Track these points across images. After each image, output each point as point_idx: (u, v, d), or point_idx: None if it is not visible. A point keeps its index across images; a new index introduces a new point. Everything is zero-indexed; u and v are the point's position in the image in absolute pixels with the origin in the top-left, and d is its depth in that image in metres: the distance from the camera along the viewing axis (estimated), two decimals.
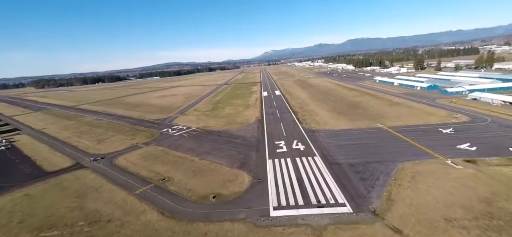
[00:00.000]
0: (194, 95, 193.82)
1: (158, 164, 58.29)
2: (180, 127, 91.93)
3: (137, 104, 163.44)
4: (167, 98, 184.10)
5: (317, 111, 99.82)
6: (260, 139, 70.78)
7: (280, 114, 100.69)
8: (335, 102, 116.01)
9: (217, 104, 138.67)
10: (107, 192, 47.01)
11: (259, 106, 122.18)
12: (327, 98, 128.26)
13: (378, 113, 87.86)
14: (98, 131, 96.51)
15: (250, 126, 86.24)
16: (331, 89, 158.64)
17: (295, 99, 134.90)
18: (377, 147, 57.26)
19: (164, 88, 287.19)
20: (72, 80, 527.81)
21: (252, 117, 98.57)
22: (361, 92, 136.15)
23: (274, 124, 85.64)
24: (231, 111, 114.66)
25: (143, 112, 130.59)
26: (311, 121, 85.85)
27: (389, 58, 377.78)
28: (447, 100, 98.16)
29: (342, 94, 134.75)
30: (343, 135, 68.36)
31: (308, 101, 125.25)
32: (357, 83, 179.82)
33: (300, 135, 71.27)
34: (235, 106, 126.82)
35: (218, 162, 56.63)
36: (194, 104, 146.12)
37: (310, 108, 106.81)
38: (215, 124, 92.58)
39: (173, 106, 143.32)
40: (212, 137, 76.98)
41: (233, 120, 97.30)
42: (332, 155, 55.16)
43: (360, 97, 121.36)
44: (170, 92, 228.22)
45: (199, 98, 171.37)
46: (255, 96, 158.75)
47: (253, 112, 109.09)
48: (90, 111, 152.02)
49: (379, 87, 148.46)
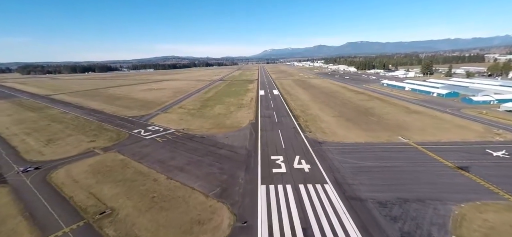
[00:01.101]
0: (184, 90, 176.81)
1: (107, 184, 41.86)
2: (156, 128, 75.35)
3: (119, 97, 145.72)
4: (153, 92, 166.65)
5: (322, 117, 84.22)
6: (251, 151, 54.79)
7: (278, 118, 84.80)
8: (341, 106, 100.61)
9: (207, 102, 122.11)
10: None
11: (254, 106, 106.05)
12: (332, 101, 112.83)
13: (397, 123, 72.69)
14: (56, 128, 79.24)
15: (242, 131, 70.14)
16: (334, 91, 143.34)
17: (295, 100, 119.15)
18: (412, 174, 41.82)
19: (155, 80, 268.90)
20: (61, 68, 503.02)
21: (244, 120, 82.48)
22: (369, 96, 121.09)
23: (271, 131, 69.67)
24: (221, 111, 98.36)
25: (120, 107, 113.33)
26: (316, 129, 70.17)
27: (391, 61, 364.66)
28: (474, 111, 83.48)
29: (348, 97, 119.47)
30: (359, 151, 52.83)
31: (310, 103, 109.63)
32: (363, 85, 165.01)
33: (303, 149, 55.49)
34: (227, 105, 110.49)
35: (191, 186, 40.50)
36: (182, 100, 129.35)
37: (313, 112, 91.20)
38: (199, 127, 76.26)
39: (158, 101, 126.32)
40: (192, 144, 60.69)
41: (222, 122, 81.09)
42: (350, 184, 39.53)
43: (369, 102, 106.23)
44: (159, 86, 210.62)
45: (188, 94, 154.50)
46: (250, 95, 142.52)
47: (246, 113, 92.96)
48: (63, 102, 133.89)
49: (388, 91, 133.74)
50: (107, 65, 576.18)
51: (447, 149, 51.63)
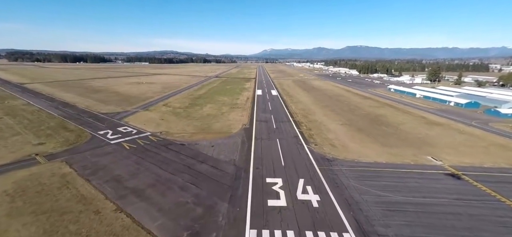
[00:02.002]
0: (175, 85, 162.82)
1: (22, 217, 28.36)
2: (128, 130, 61.79)
3: (99, 90, 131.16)
4: (140, 86, 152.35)
5: (328, 124, 71.63)
6: (241, 169, 41.80)
7: (277, 123, 71.89)
8: (349, 112, 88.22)
9: (197, 100, 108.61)
10: None
11: (250, 108, 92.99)
12: (337, 106, 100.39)
13: (418, 137, 60.48)
14: (5, 124, 65.03)
15: (232, 139, 57.09)
16: (339, 95, 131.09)
17: (296, 103, 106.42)
18: (465, 220, 29.27)
19: (146, 74, 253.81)
20: (51, 56, 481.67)
21: (237, 124, 69.42)
22: (378, 102, 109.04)
23: (268, 141, 56.73)
24: (211, 112, 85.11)
25: (97, 101, 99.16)
26: (323, 140, 57.50)
27: (394, 67, 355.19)
28: (506, 125, 71.84)
29: (356, 103, 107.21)
30: (382, 175, 40.24)
31: (313, 107, 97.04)
32: (368, 90, 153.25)
33: (308, 168, 42.69)
34: (219, 105, 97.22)
35: (146, 227, 27.35)
36: (169, 97, 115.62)
37: (318, 118, 78.57)
38: (181, 130, 62.98)
39: (142, 97, 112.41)
40: (167, 155, 47.46)
41: (210, 126, 67.90)
42: (381, 235, 26.82)
43: (380, 109, 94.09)
44: (150, 79, 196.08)
45: (178, 90, 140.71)
46: (246, 94, 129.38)
47: (240, 115, 79.90)
48: (34, 92, 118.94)
49: (397, 98, 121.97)
50: (100, 56, 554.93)
51: (499, 179, 39.40)
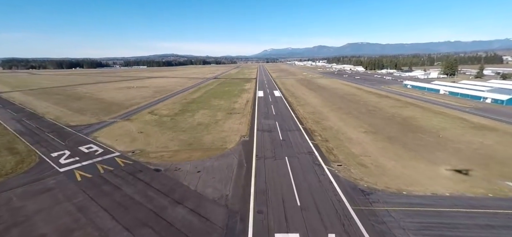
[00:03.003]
0: (168, 89, 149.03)
1: None
2: (92, 150, 47.51)
3: (81, 97, 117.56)
4: (130, 91, 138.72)
5: (348, 132, 56.88)
6: (236, 215, 27.14)
7: (284, 132, 57.22)
8: (368, 115, 73.33)
9: (190, 105, 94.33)
10: None
11: (250, 113, 78.50)
12: (353, 107, 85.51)
13: (473, 148, 45.57)
14: None
15: (225, 159, 42.56)
16: (351, 94, 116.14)
17: (304, 105, 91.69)
18: None
19: (140, 77, 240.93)
20: (46, 63, 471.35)
21: (233, 136, 54.96)
22: (399, 101, 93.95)
23: (273, 160, 42.00)
24: (203, 119, 70.73)
25: (71, 110, 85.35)
26: (347, 157, 42.77)
27: (400, 61, 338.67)
28: None
29: (373, 103, 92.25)
30: (461, 224, 25.43)
31: (325, 110, 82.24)
32: (381, 87, 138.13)
33: (339, 211, 27.89)
34: (214, 110, 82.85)
35: None
36: (159, 102, 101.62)
37: (333, 124, 63.78)
38: (161, 147, 48.68)
39: (126, 103, 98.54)
40: (130, 190, 33.06)
41: (199, 139, 53.49)
42: None
43: (404, 109, 79.10)
44: (142, 83, 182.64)
45: (171, 94, 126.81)
46: (246, 96, 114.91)
47: (238, 123, 65.40)
48: (5, 101, 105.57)
49: (418, 95, 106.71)
50: (97, 61, 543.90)
51: None
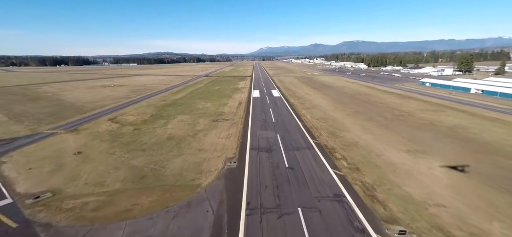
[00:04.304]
0: (149, 87, 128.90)
1: None
2: None
3: (39, 97, 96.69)
4: (103, 90, 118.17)
5: (385, 152, 38.22)
6: None
7: (289, 151, 38.04)
8: (399, 122, 54.98)
9: (166, 109, 74.68)
10: None
11: (242, 119, 59.40)
12: (373, 110, 67.11)
13: None
14: None
15: (191, 215, 23.23)
16: (363, 94, 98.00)
17: (310, 108, 72.92)
18: None
19: (125, 75, 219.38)
20: (28, 60, 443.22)
21: (215, 161, 35.76)
22: (428, 103, 76.08)
23: (277, 217, 22.75)
24: (178, 130, 51.29)
25: (8, 117, 64.91)
26: (404, 206, 23.98)
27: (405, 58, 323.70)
28: None
29: (395, 105, 74.14)
30: None
31: (339, 115, 63.53)
32: (395, 85, 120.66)
33: None
34: (196, 116, 63.45)
35: None
36: (131, 104, 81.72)
37: (357, 138, 45.01)
38: (92, 187, 29.19)
39: (89, 106, 78.53)
40: None
41: (160, 167, 34.06)
42: None
43: (442, 115, 61.07)
44: (123, 81, 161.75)
45: (150, 94, 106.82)
46: (239, 97, 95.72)
47: (224, 137, 46.17)
48: None
49: (444, 95, 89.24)
50: (83, 59, 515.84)
51: None
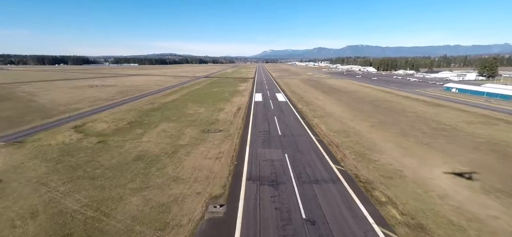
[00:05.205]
0: (140, 88, 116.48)
1: None
2: None
3: (8, 98, 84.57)
4: (88, 91, 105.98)
5: (453, 191, 24.48)
6: None
7: (304, 186, 24.35)
8: (446, 140, 40.95)
9: (150, 114, 61.54)
10: None
11: (239, 131, 45.93)
12: (403, 121, 53.13)
13: None
14: None
15: None
16: (383, 100, 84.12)
17: (324, 116, 59.13)
18: None
19: (120, 75, 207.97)
20: (27, 59, 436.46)
21: (192, 202, 22.19)
22: (469, 114, 61.96)
23: None
24: (153, 145, 37.95)
25: None
26: None
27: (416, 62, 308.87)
28: None
29: (429, 115, 60.13)
30: None
31: (361, 127, 49.60)
32: (416, 90, 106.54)
33: None
34: (183, 125, 50.16)
35: None
36: (110, 108, 68.87)
37: (397, 163, 31.05)
38: None
39: (61, 109, 66.05)
40: None
41: (100, 221, 20.70)
42: None
43: (496, 130, 46.87)
44: (115, 81, 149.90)
45: (139, 95, 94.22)
46: (238, 101, 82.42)
47: (213, 157, 32.62)
48: None
49: (482, 103, 75.07)
50: (82, 58, 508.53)
51: None
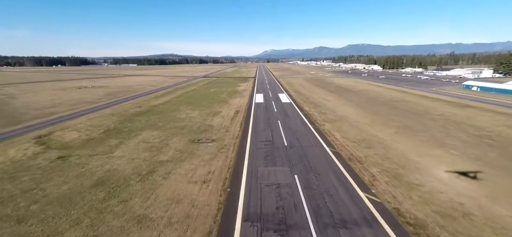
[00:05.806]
0: (132, 89, 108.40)
1: None
2: None
3: None
4: (75, 92, 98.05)
5: None
6: None
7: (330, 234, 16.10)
8: (490, 148, 31.81)
9: (134, 119, 53.04)
10: None
11: (236, 141, 37.21)
12: (431, 126, 44.10)
13: None
14: None
15: None
16: (399, 100, 75.16)
17: (336, 121, 50.05)
18: None
19: (116, 75, 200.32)
20: (24, 60, 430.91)
21: None
22: (507, 116, 53.15)
23: None
24: (122, 165, 29.09)
25: None
26: None
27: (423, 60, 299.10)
28: None
29: (460, 119, 51.20)
30: None
31: (384, 134, 40.58)
32: (432, 89, 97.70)
33: None
34: (169, 133, 41.56)
35: None
36: (92, 111, 60.56)
37: (447, 187, 22.51)
38: None
39: (33, 113, 57.94)
40: None
41: None
42: None
43: None
44: (107, 82, 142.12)
45: (130, 97, 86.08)
46: (237, 103, 73.69)
47: (200, 181, 23.85)
48: None
49: (511, 102, 66.10)
50: (80, 59, 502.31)
51: None
